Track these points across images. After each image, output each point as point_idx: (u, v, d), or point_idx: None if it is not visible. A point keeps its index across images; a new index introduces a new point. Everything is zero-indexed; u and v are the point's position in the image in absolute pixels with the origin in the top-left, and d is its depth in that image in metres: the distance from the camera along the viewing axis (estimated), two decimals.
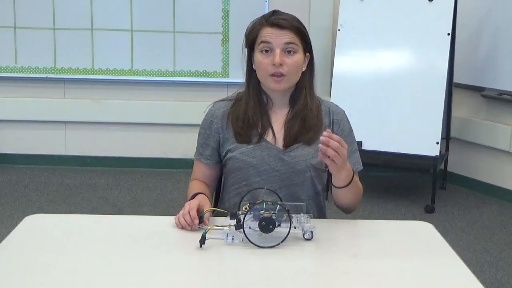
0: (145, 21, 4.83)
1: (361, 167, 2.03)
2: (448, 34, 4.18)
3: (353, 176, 1.87)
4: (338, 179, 1.84)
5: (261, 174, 1.95)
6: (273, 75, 1.90)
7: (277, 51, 1.89)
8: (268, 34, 1.90)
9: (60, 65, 4.86)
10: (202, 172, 2.06)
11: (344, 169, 1.81)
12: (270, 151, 1.95)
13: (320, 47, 4.81)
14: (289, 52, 1.90)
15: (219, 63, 4.87)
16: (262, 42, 1.91)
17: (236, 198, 1.98)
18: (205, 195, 1.92)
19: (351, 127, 2.04)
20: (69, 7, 4.78)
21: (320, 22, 4.83)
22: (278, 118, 1.99)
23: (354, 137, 2.05)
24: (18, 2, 4.76)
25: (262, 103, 1.99)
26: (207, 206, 1.85)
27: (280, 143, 1.97)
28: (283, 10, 1.97)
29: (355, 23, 4.40)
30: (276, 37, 1.89)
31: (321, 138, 1.71)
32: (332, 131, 1.95)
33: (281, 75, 1.90)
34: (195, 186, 2.01)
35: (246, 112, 1.97)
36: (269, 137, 1.97)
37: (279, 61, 1.88)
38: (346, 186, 1.86)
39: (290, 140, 1.95)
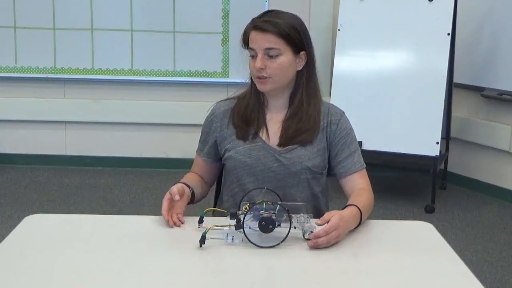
0: (145, 21, 4.83)
1: (363, 166, 2.04)
2: (448, 34, 4.18)
3: (361, 218, 1.81)
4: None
5: (256, 174, 1.96)
6: (258, 77, 1.93)
7: (259, 55, 1.91)
8: (252, 38, 1.92)
9: (60, 65, 4.86)
10: (199, 166, 2.10)
11: (347, 231, 1.76)
12: (266, 151, 1.96)
13: (320, 47, 4.79)
14: (271, 56, 1.91)
15: (219, 63, 4.87)
16: (249, 47, 1.94)
17: (231, 199, 2.01)
18: (187, 185, 1.92)
19: (351, 127, 2.04)
20: (69, 7, 4.77)
21: (320, 22, 4.83)
22: (274, 118, 2.00)
23: (354, 137, 2.04)
24: (18, 2, 4.76)
25: (259, 102, 2.01)
26: (182, 192, 1.86)
27: (275, 142, 1.97)
28: (283, 10, 1.97)
29: (355, 23, 4.40)
30: (257, 42, 1.91)
31: (309, 246, 1.66)
32: (330, 131, 1.98)
33: (265, 77, 1.92)
34: (187, 177, 2.04)
35: (246, 107, 2.00)
36: (263, 135, 1.98)
37: (260, 66, 1.90)
38: (359, 224, 1.82)
39: (285, 140, 1.96)
